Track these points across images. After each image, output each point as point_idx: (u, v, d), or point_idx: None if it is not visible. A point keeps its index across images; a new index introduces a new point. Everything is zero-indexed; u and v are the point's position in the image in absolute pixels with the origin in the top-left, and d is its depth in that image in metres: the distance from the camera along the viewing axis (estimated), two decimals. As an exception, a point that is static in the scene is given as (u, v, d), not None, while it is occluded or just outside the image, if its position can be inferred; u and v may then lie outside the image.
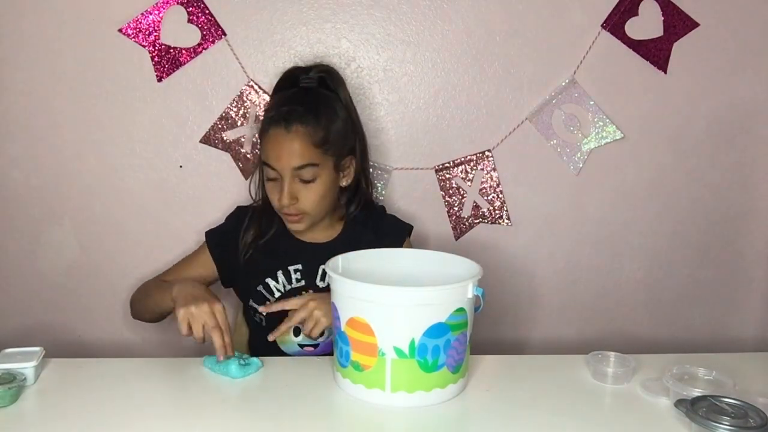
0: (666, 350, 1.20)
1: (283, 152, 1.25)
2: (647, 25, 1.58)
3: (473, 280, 1.03)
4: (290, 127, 1.25)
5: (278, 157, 1.26)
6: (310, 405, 1.04)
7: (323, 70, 1.38)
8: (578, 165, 1.64)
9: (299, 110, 1.27)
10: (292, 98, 1.31)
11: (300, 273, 1.34)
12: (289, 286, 1.34)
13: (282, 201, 1.26)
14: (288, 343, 1.32)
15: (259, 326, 1.35)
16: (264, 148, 1.29)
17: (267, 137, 1.27)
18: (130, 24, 1.50)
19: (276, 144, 1.26)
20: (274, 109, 1.30)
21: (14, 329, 1.62)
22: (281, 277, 1.34)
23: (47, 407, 1.02)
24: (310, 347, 1.31)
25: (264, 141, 1.28)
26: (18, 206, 1.57)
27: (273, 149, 1.26)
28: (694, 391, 1.00)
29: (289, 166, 1.25)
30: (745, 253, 1.74)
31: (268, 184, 1.30)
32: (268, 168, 1.28)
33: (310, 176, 1.27)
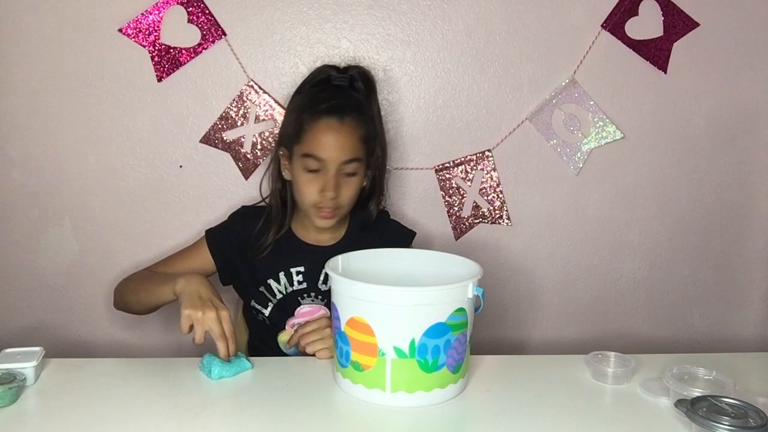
0: (666, 350, 1.20)
1: (335, 143, 1.24)
2: (647, 25, 1.58)
3: (473, 280, 1.03)
4: (344, 119, 1.25)
5: (329, 148, 1.24)
6: (310, 405, 1.04)
7: (357, 72, 1.38)
8: (578, 165, 1.64)
9: (349, 104, 1.28)
10: (336, 92, 1.31)
11: (302, 275, 1.33)
12: (291, 288, 1.33)
13: (327, 194, 1.24)
14: (284, 343, 1.32)
15: (262, 325, 1.35)
16: (310, 139, 1.25)
17: (317, 127, 1.25)
18: (130, 24, 1.50)
19: (328, 135, 1.24)
20: (319, 100, 1.28)
21: (14, 329, 1.62)
22: (283, 279, 1.34)
23: (47, 407, 1.02)
24: None
25: (311, 131, 1.25)
26: (18, 206, 1.57)
27: (324, 140, 1.24)
28: (694, 391, 1.00)
29: (339, 159, 1.24)
30: (745, 253, 1.74)
31: (305, 176, 1.26)
32: (310, 159, 1.25)
33: (352, 170, 1.27)
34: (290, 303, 1.32)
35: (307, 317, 1.29)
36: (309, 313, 1.31)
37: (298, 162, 1.27)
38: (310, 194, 1.27)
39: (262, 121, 1.57)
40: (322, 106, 1.27)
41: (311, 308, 1.32)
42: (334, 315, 1.08)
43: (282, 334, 1.32)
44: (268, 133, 1.57)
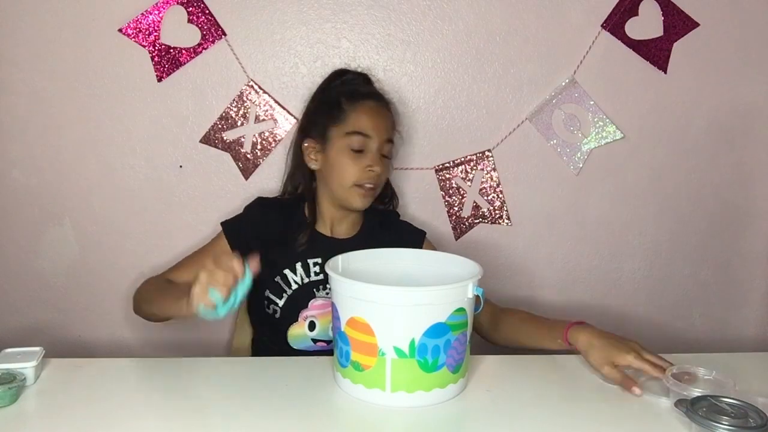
0: (666, 350, 1.19)
1: (380, 122, 1.33)
2: (647, 25, 1.58)
3: (473, 280, 1.03)
4: (382, 102, 1.37)
5: (376, 126, 1.31)
6: (310, 405, 1.04)
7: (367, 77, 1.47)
8: (578, 165, 1.64)
9: (384, 96, 1.40)
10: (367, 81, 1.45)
11: (319, 266, 1.33)
12: (307, 279, 1.33)
13: (375, 168, 1.30)
14: (301, 338, 1.31)
15: (271, 319, 1.32)
16: (355, 119, 1.31)
17: (361, 107, 1.33)
18: (130, 24, 1.50)
19: (374, 114, 1.33)
20: (357, 85, 1.40)
21: (14, 329, 1.62)
22: (300, 269, 1.33)
23: (47, 407, 1.02)
24: (323, 342, 1.31)
25: (355, 111, 1.32)
26: (18, 206, 1.57)
27: (370, 119, 1.32)
28: (694, 391, 1.00)
29: (383, 136, 1.32)
30: (745, 253, 1.74)
31: (348, 155, 1.31)
32: (355, 138, 1.30)
33: (388, 152, 1.36)
34: (305, 295, 1.32)
35: (321, 310, 1.30)
36: (323, 305, 1.31)
37: (338, 143, 1.32)
38: (353, 173, 1.30)
39: (262, 121, 1.57)
40: (362, 89, 1.38)
41: (325, 301, 1.31)
42: (334, 315, 1.08)
43: (294, 327, 1.31)
44: (268, 133, 1.57)
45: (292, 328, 1.32)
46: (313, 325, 1.31)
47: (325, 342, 1.31)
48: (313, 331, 1.31)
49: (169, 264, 1.60)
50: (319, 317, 1.31)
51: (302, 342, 1.31)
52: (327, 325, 1.30)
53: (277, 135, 1.57)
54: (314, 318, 1.31)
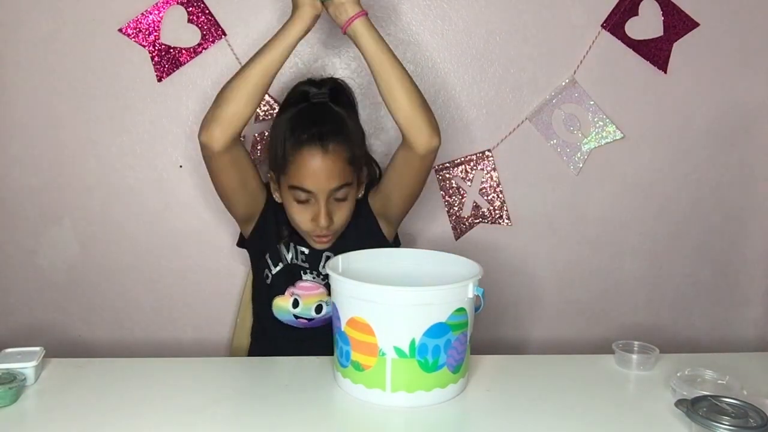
0: (666, 350, 1.20)
1: (322, 174, 1.22)
2: (647, 25, 1.58)
3: (473, 280, 1.03)
4: (327, 147, 1.21)
5: (316, 180, 1.22)
6: (310, 405, 1.04)
7: (334, 85, 1.35)
8: (578, 165, 1.64)
9: (332, 128, 1.23)
10: (317, 115, 1.26)
11: (304, 256, 1.34)
12: (296, 261, 1.34)
13: (321, 223, 1.23)
14: (285, 311, 1.34)
15: (263, 284, 1.35)
16: (295, 172, 1.22)
17: (300, 159, 1.22)
18: (130, 24, 1.50)
19: (313, 166, 1.21)
20: (300, 128, 1.23)
21: (14, 329, 1.62)
22: (291, 250, 1.34)
23: (47, 407, 1.02)
24: (304, 320, 1.34)
25: (295, 163, 1.22)
26: (18, 206, 1.57)
27: (309, 172, 1.21)
28: (695, 391, 1.00)
29: (327, 188, 1.22)
30: (745, 253, 1.74)
31: (296, 207, 1.25)
32: (298, 191, 1.23)
33: (343, 195, 1.26)
34: (294, 273, 1.34)
35: (306, 291, 1.34)
36: (309, 288, 1.34)
37: (285, 192, 1.26)
38: (302, 223, 1.26)
39: (262, 121, 1.57)
40: (303, 135, 1.22)
41: (312, 284, 1.34)
42: (334, 315, 1.08)
43: (279, 298, 1.34)
44: (268, 133, 1.57)
45: (277, 299, 1.34)
46: (296, 302, 1.33)
47: (306, 320, 1.34)
48: (296, 308, 1.34)
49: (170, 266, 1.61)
50: (303, 298, 1.34)
51: (285, 315, 1.34)
52: (310, 305, 1.33)
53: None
54: (299, 297, 1.34)
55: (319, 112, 1.28)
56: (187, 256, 1.60)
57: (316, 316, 1.34)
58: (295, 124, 1.25)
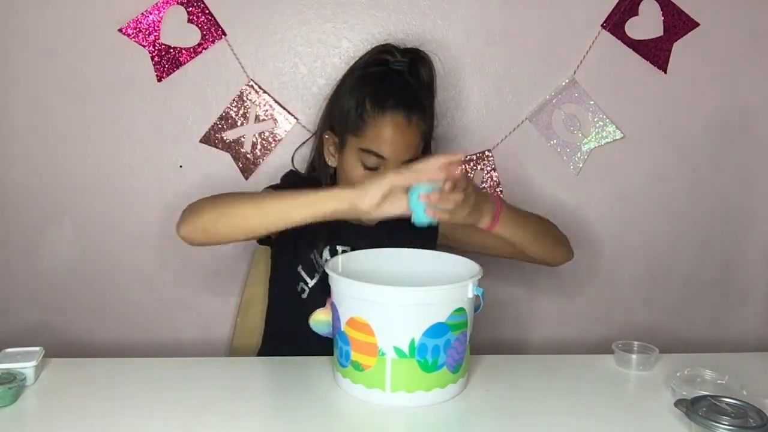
0: (666, 350, 1.20)
1: (401, 143, 1.18)
2: (647, 25, 1.58)
3: (473, 280, 1.03)
4: (411, 118, 1.18)
5: (395, 147, 1.17)
6: (310, 405, 1.04)
7: (416, 57, 1.29)
8: (578, 165, 1.64)
9: (417, 100, 1.21)
10: (403, 83, 1.23)
11: None
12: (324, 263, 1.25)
13: None
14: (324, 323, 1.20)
15: (297, 298, 1.25)
16: (374, 136, 1.17)
17: (383, 123, 1.17)
18: (130, 24, 1.50)
19: (395, 133, 1.17)
20: (386, 91, 1.19)
21: (14, 329, 1.62)
22: (326, 255, 1.27)
23: (47, 407, 1.02)
24: None
25: (375, 127, 1.17)
26: (18, 206, 1.57)
27: (390, 138, 1.17)
28: (694, 391, 1.00)
29: (402, 158, 1.18)
30: (745, 253, 1.74)
31: (360, 171, 1.20)
32: (370, 156, 1.18)
33: None
34: None
35: None
36: None
37: (353, 154, 1.21)
38: None
39: (262, 121, 1.57)
40: (389, 100, 1.18)
41: None
42: (334, 315, 1.08)
43: (318, 312, 1.21)
44: (268, 133, 1.57)
45: (317, 314, 1.22)
46: None
47: None
48: None
49: (169, 263, 1.60)
50: None
51: (325, 328, 1.21)
52: None
53: (277, 135, 1.57)
54: None
55: (402, 81, 1.24)
56: (187, 256, 1.60)
57: None
58: (379, 86, 1.21)
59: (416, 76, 1.28)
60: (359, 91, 1.22)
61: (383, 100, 1.19)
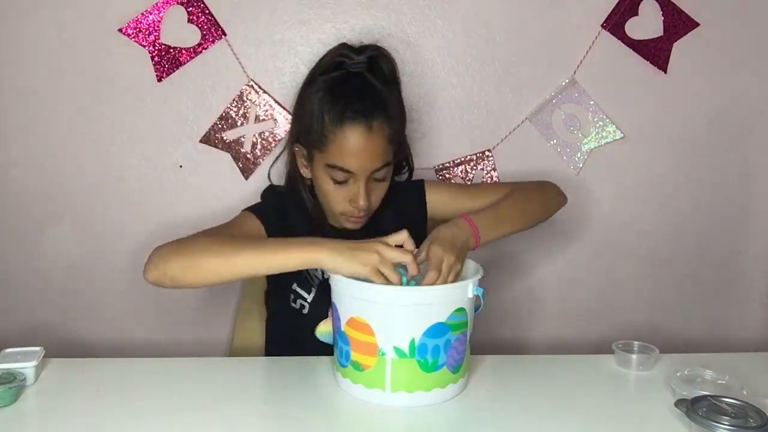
0: (666, 350, 1.20)
1: (365, 154, 1.14)
2: (647, 25, 1.58)
3: (473, 280, 1.03)
4: (372, 125, 1.13)
5: (359, 160, 1.14)
6: (310, 405, 1.04)
7: (374, 53, 1.23)
8: (578, 165, 1.64)
9: (375, 104, 1.15)
10: (359, 88, 1.17)
11: None
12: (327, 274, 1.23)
13: (361, 205, 1.16)
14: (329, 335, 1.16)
15: (297, 314, 1.24)
16: (336, 151, 1.14)
17: (342, 137, 1.13)
18: (130, 24, 1.50)
19: (356, 145, 1.13)
20: (342, 101, 1.14)
21: (14, 329, 1.62)
22: None
23: (47, 407, 1.02)
24: None
25: (336, 142, 1.13)
26: (18, 206, 1.57)
27: (352, 152, 1.13)
28: (694, 391, 1.00)
29: (370, 169, 1.15)
30: (745, 253, 1.74)
31: (330, 186, 1.17)
32: (336, 171, 1.15)
33: (383, 176, 1.19)
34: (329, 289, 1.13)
35: None
36: None
37: (321, 170, 1.18)
38: (337, 204, 1.19)
39: (262, 121, 1.57)
40: (347, 112, 1.13)
41: None
42: (334, 315, 1.08)
43: (323, 324, 1.18)
44: (268, 133, 1.57)
45: (321, 326, 1.19)
46: None
47: None
48: None
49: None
50: None
51: (331, 337, 1.16)
52: None
53: (277, 135, 1.57)
54: None
55: (361, 84, 1.18)
56: (187, 256, 1.60)
57: None
58: (335, 96, 1.16)
59: (377, 75, 1.21)
60: (317, 102, 1.18)
61: (340, 112, 1.14)
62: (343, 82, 1.19)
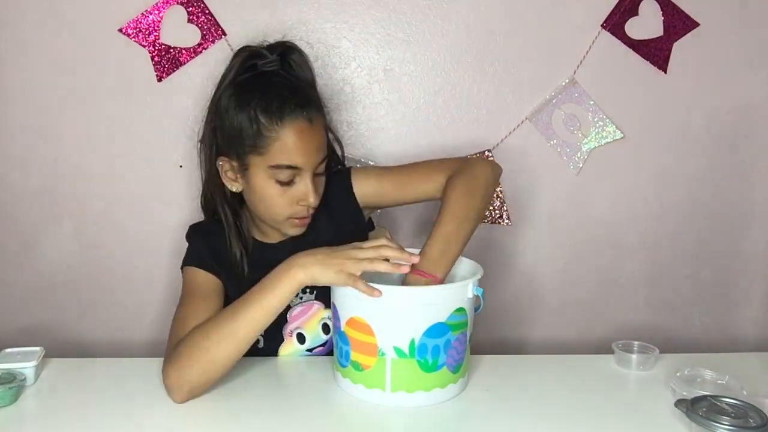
0: (666, 350, 1.20)
1: (311, 147, 1.10)
2: (647, 25, 1.58)
3: (473, 280, 1.03)
4: (311, 115, 1.10)
5: (306, 154, 1.10)
6: (310, 405, 1.04)
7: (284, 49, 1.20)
8: (578, 165, 1.64)
9: (307, 97, 1.12)
10: (284, 83, 1.13)
11: None
12: (303, 294, 1.22)
13: (311, 202, 1.12)
14: (293, 354, 1.22)
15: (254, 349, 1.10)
16: (280, 149, 1.09)
17: (285, 134, 1.08)
18: (130, 24, 1.50)
19: (301, 139, 1.09)
20: (276, 100, 1.09)
21: (14, 329, 1.62)
22: None
23: (47, 407, 1.02)
24: (320, 347, 1.22)
25: (280, 140, 1.08)
26: (18, 206, 1.57)
27: (298, 146, 1.09)
28: (694, 391, 1.00)
29: (316, 161, 1.11)
30: (745, 253, 1.74)
31: (275, 190, 1.12)
32: (282, 171, 1.10)
33: (323, 169, 1.15)
34: None
35: (302, 317, 1.21)
36: (304, 312, 1.21)
37: (261, 174, 1.11)
38: (283, 208, 1.13)
39: (262, 121, 1.56)
40: (285, 108, 1.08)
41: (303, 306, 1.21)
42: (334, 315, 1.08)
43: (283, 347, 1.21)
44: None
45: (282, 349, 1.21)
46: (301, 337, 1.21)
47: (321, 346, 1.23)
48: (305, 343, 1.21)
49: (169, 264, 1.59)
50: (304, 326, 1.21)
51: (296, 355, 1.22)
52: (316, 329, 1.22)
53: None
54: (300, 329, 1.21)
55: (284, 79, 1.15)
56: (187, 256, 1.60)
57: (327, 336, 1.22)
58: (265, 95, 1.11)
59: (291, 70, 1.19)
60: (244, 106, 1.11)
61: (277, 109, 1.09)
62: (264, 81, 1.14)
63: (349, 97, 1.57)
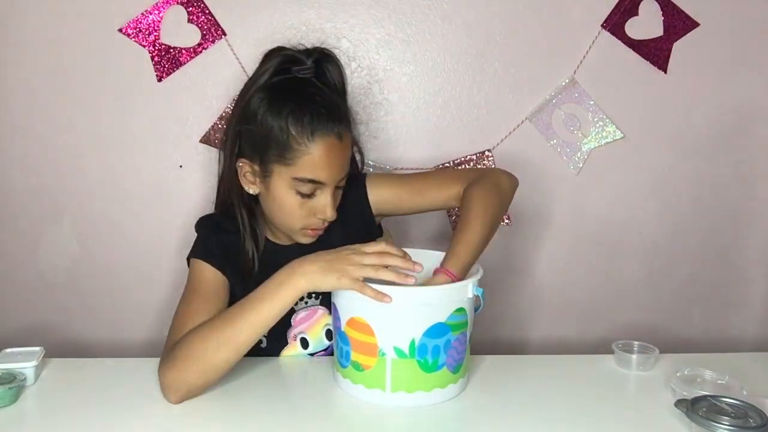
0: (666, 350, 1.20)
1: (336, 164, 1.09)
2: (647, 25, 1.58)
3: (473, 280, 1.03)
4: (341, 132, 1.08)
5: (331, 171, 1.08)
6: (310, 405, 1.04)
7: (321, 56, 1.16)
8: (578, 165, 1.64)
9: (340, 113, 1.10)
10: (318, 95, 1.11)
11: None
12: (308, 299, 1.22)
13: (329, 216, 1.11)
14: (298, 357, 1.22)
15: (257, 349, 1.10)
16: (307, 163, 1.07)
17: (316, 149, 1.06)
18: (130, 24, 1.50)
19: (330, 157, 1.07)
20: (309, 113, 1.07)
21: (14, 329, 1.62)
22: None
23: (47, 407, 1.02)
24: (321, 352, 1.23)
25: (309, 154, 1.06)
26: (18, 206, 1.57)
27: (326, 163, 1.07)
28: (694, 391, 1.00)
29: (339, 177, 1.10)
30: (745, 253, 1.74)
31: (295, 200, 1.10)
32: (305, 184, 1.08)
33: (344, 182, 1.14)
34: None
35: (307, 322, 1.23)
36: (308, 317, 1.22)
37: (283, 184, 1.09)
38: (301, 218, 1.12)
39: (262, 121, 1.56)
40: (317, 124, 1.06)
41: (308, 311, 1.22)
42: (334, 315, 1.08)
43: (286, 350, 1.21)
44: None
45: (285, 352, 1.21)
46: (305, 342, 1.21)
47: (322, 351, 1.22)
48: (308, 348, 1.21)
49: (169, 264, 1.60)
50: (308, 331, 1.21)
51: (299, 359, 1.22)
52: (319, 335, 1.22)
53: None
54: (304, 334, 1.21)
55: (318, 90, 1.12)
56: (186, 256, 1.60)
57: (330, 342, 1.22)
58: (298, 105, 1.08)
59: (326, 80, 1.16)
60: (275, 114, 1.08)
61: (309, 123, 1.06)
62: (300, 91, 1.11)
63: (349, 97, 1.56)
